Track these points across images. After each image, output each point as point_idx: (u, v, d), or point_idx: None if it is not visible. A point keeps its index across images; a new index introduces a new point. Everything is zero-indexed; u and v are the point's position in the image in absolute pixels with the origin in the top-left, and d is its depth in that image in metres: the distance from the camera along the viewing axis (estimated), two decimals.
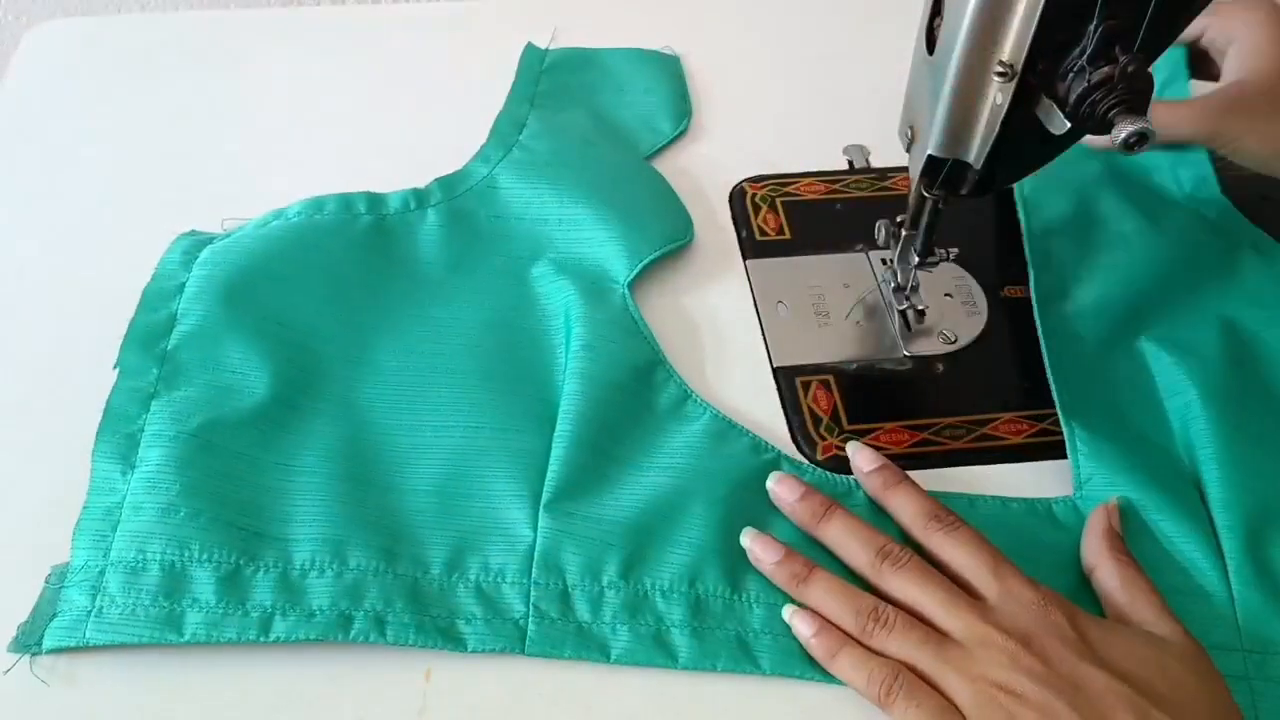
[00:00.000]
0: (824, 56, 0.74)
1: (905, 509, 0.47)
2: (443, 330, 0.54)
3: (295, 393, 0.51)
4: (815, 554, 0.47)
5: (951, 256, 0.55)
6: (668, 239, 0.59)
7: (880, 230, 0.56)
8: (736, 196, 0.64)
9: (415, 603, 0.45)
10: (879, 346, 0.56)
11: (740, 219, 0.62)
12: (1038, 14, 0.40)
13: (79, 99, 0.68)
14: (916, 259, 0.55)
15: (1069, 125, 0.42)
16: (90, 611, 0.43)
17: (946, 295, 0.58)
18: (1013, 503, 0.50)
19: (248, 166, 0.63)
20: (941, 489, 0.49)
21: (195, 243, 0.56)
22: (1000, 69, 0.43)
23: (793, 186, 0.64)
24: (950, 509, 0.46)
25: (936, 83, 0.45)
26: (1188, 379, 0.52)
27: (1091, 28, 0.40)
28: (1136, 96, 0.40)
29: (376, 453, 0.49)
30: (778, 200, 0.63)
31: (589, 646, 0.44)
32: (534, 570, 0.46)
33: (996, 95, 0.44)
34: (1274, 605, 0.46)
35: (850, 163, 0.66)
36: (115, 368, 0.50)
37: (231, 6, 0.92)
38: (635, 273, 0.57)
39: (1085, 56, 0.40)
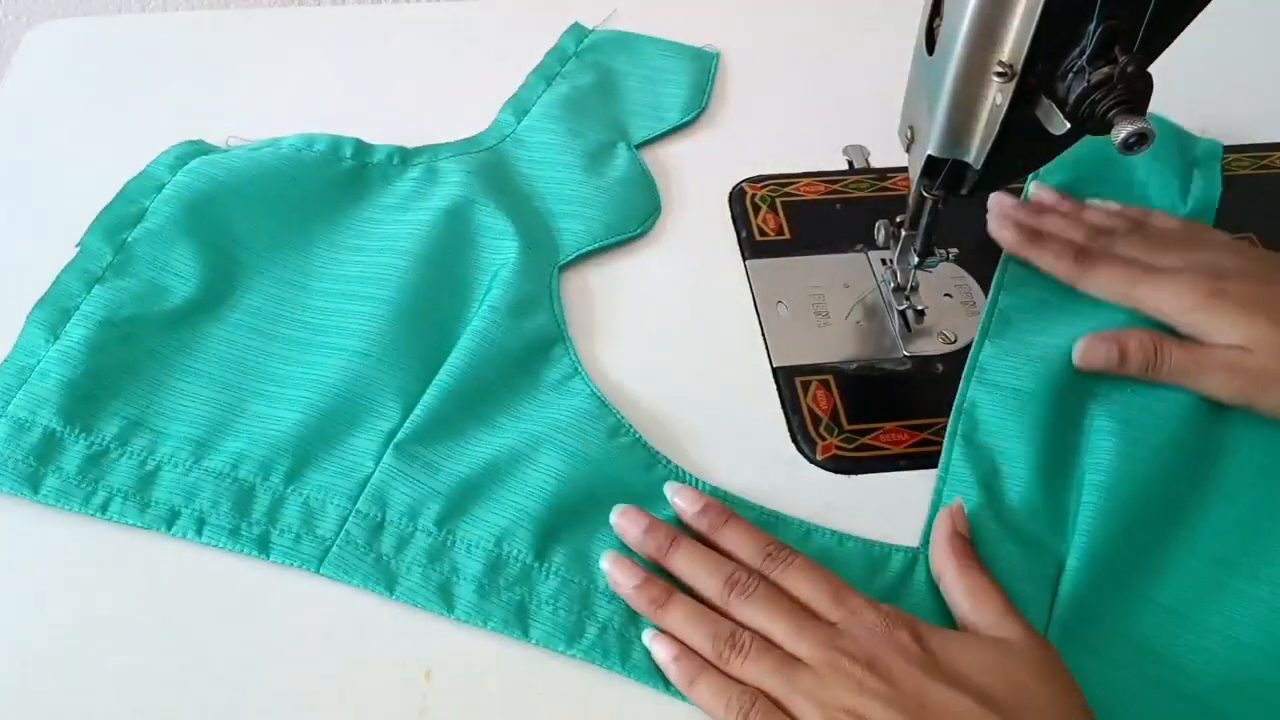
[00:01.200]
0: (824, 56, 0.74)
1: (739, 547, 0.47)
2: (374, 262, 0.56)
3: (221, 304, 0.54)
4: None
5: (951, 256, 0.55)
6: (615, 231, 0.60)
7: (880, 230, 0.56)
8: (736, 196, 0.64)
9: (239, 509, 0.47)
10: (879, 346, 0.56)
11: (740, 219, 0.62)
12: (1038, 14, 0.40)
13: (79, 99, 0.68)
14: (916, 259, 0.55)
15: (1069, 125, 0.42)
16: None
17: (946, 295, 0.58)
18: (850, 540, 0.48)
19: None
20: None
21: (192, 150, 0.60)
22: (1000, 69, 0.43)
23: (793, 186, 0.64)
24: (782, 543, 0.46)
25: (936, 83, 0.45)
26: (1113, 458, 0.49)
27: (1091, 28, 0.40)
28: (1136, 97, 0.40)
29: (269, 363, 0.53)
30: (778, 200, 0.63)
31: (377, 578, 0.46)
32: (360, 499, 0.48)
33: (996, 95, 0.44)
34: None
35: (850, 163, 0.66)
36: (76, 246, 0.55)
37: (231, 6, 0.91)
38: (572, 257, 0.59)
39: (1085, 56, 0.40)
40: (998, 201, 0.58)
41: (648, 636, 0.45)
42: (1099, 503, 0.48)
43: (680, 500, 0.48)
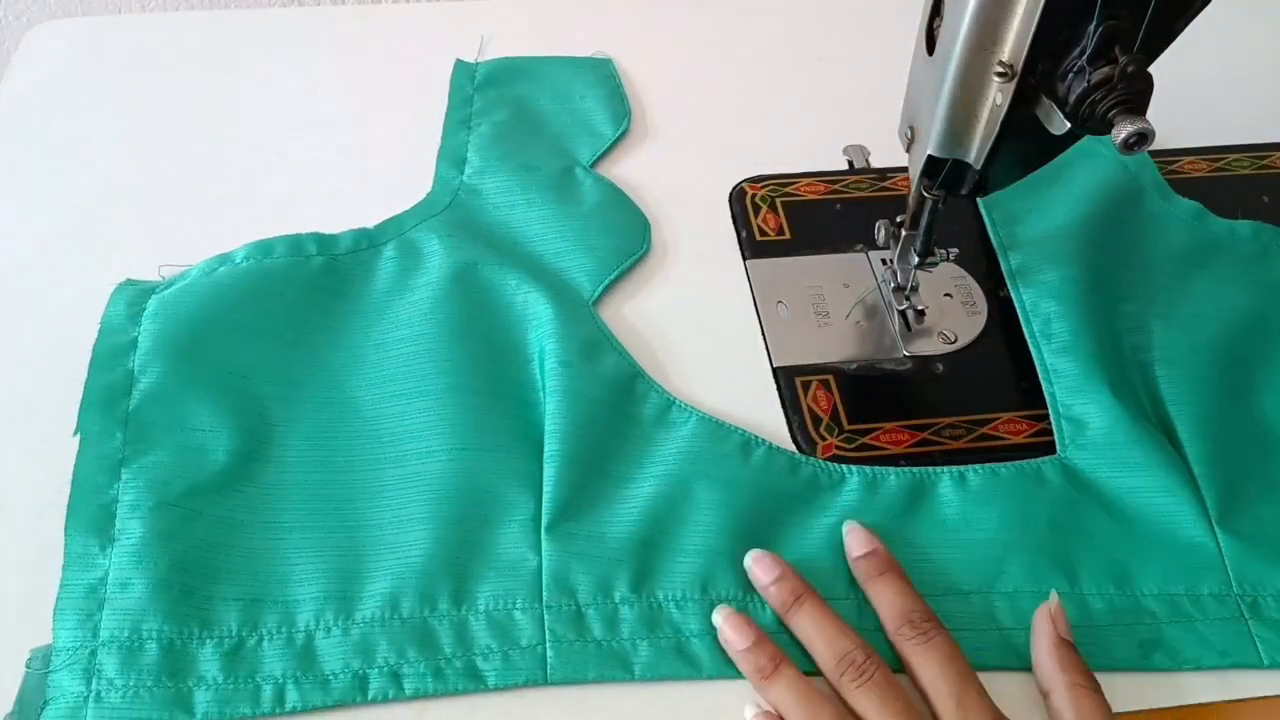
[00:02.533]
0: (824, 56, 0.74)
1: (883, 604, 0.45)
2: (412, 353, 0.53)
3: (269, 446, 0.49)
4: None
5: (951, 256, 0.55)
6: (624, 254, 0.59)
7: (880, 230, 0.56)
8: (736, 196, 0.64)
9: (428, 647, 0.44)
10: (879, 346, 0.56)
11: (740, 219, 0.62)
12: (1038, 14, 0.40)
13: (79, 99, 0.68)
14: (916, 259, 0.55)
15: (1069, 125, 0.42)
16: (87, 696, 0.41)
17: (946, 295, 0.58)
18: (1002, 469, 0.50)
19: (248, 167, 0.64)
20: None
21: (138, 293, 0.54)
22: (1000, 69, 0.43)
23: (793, 186, 0.64)
24: (930, 612, 0.44)
25: (936, 83, 0.45)
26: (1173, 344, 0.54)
27: (1091, 28, 0.40)
28: (1136, 96, 0.40)
29: (363, 492, 0.48)
30: (778, 200, 0.63)
31: (611, 665, 0.44)
32: (545, 594, 0.45)
33: (996, 95, 0.44)
34: (1257, 550, 0.48)
35: (850, 163, 0.66)
36: (75, 434, 0.48)
37: (231, 6, 0.92)
38: (599, 293, 0.57)
39: (1085, 56, 0.40)
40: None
41: (749, 714, 0.43)
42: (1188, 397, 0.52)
43: (852, 540, 0.47)
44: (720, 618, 0.45)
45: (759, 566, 0.46)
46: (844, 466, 0.50)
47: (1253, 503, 0.49)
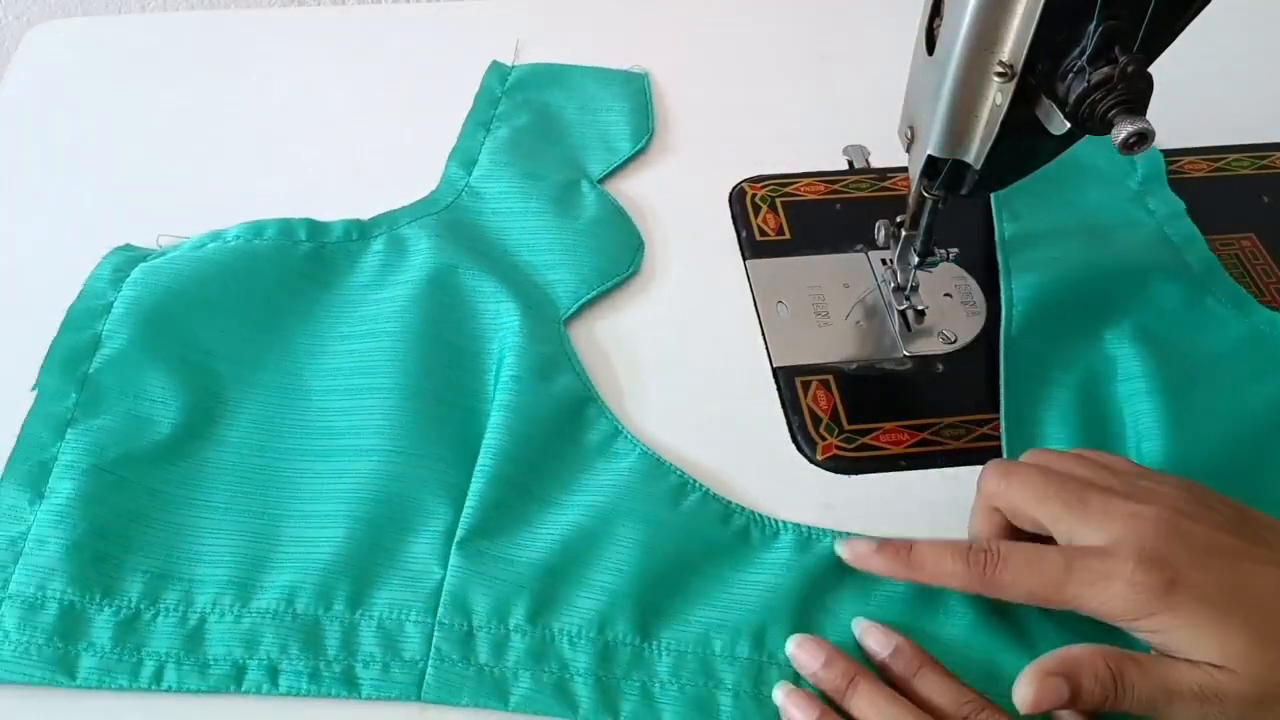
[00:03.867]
0: (824, 56, 0.74)
1: (936, 698, 0.42)
2: (372, 349, 0.53)
3: (215, 424, 0.50)
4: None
5: (951, 256, 0.55)
6: (607, 274, 0.58)
7: (880, 230, 0.56)
8: (736, 196, 0.64)
9: (311, 647, 0.43)
10: (879, 346, 0.56)
11: (740, 219, 0.62)
12: (1038, 14, 0.40)
13: (79, 99, 0.68)
14: (916, 259, 0.55)
15: (1069, 125, 0.42)
16: None
17: (946, 295, 0.58)
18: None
19: (247, 167, 0.64)
20: (944, 492, 0.50)
21: (128, 259, 0.55)
22: (1000, 69, 0.43)
23: (793, 186, 0.64)
24: (982, 698, 0.41)
25: (936, 83, 0.45)
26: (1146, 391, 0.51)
27: (1091, 28, 0.40)
28: (1136, 96, 0.40)
29: (291, 481, 0.48)
30: (778, 200, 0.63)
31: (487, 692, 0.43)
32: (440, 610, 0.44)
33: (996, 95, 0.44)
34: None
35: (850, 163, 0.66)
36: (33, 389, 0.49)
37: (231, 6, 0.92)
38: (574, 309, 0.56)
39: (1085, 56, 0.40)
40: (850, 551, 0.46)
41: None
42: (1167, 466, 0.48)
43: (871, 641, 0.44)
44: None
45: (802, 652, 0.44)
46: (780, 522, 0.48)
47: None
